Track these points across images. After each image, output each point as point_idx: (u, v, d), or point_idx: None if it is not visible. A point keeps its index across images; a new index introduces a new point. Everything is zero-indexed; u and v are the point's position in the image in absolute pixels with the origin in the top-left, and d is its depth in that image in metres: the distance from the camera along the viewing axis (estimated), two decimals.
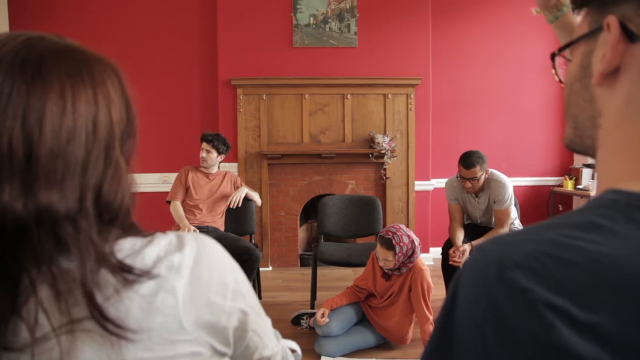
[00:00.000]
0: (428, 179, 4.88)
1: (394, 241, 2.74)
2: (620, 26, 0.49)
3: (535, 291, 0.41)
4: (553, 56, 0.61)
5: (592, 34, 0.53)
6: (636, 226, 0.43)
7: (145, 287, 0.57)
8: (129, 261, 0.59)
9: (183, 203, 3.63)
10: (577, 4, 0.56)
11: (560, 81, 0.62)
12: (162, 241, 0.62)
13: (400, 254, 2.72)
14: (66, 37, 0.64)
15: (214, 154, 3.65)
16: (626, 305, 0.39)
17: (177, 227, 3.51)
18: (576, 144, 0.59)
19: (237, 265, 0.69)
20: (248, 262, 3.31)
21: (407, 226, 4.72)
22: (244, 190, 3.68)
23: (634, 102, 0.49)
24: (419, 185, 4.83)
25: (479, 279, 0.45)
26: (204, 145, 3.65)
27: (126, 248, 0.60)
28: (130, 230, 0.63)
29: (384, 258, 2.75)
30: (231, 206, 3.63)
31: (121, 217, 0.61)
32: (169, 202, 3.66)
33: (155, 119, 4.85)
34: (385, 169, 4.71)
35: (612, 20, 0.50)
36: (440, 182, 4.73)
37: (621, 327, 0.39)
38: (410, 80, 4.70)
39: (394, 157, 4.67)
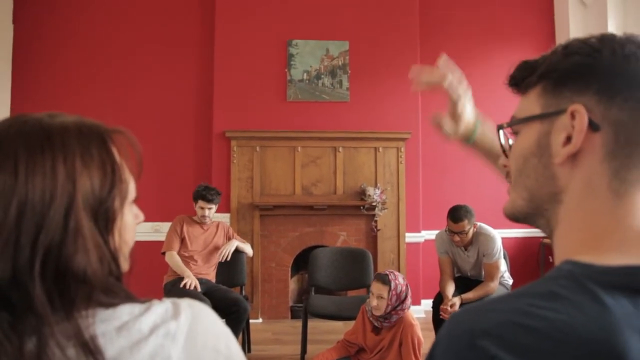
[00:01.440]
0: (419, 231, 4.91)
1: (390, 277, 2.77)
2: (587, 118, 0.55)
3: (501, 358, 0.45)
4: (500, 128, 0.67)
5: (549, 115, 0.60)
6: (589, 295, 0.48)
7: (141, 355, 0.59)
8: (129, 326, 0.61)
9: (177, 254, 3.60)
10: (520, 88, 0.63)
11: (504, 151, 0.68)
12: (159, 308, 0.64)
13: (394, 293, 2.72)
14: (61, 115, 0.67)
15: (214, 208, 3.69)
16: None
17: (171, 277, 3.47)
18: (522, 214, 0.64)
19: (229, 332, 0.70)
20: (236, 314, 3.29)
21: None
22: (234, 244, 3.68)
23: (593, 183, 0.56)
24: (410, 237, 4.86)
25: (452, 347, 0.49)
26: (204, 204, 3.63)
27: (125, 314, 0.62)
28: (116, 296, 0.64)
29: (378, 295, 2.73)
30: (221, 260, 3.63)
31: (94, 284, 0.61)
32: (163, 253, 3.63)
33: (149, 169, 4.90)
34: (376, 221, 4.75)
35: (579, 109, 0.56)
36: (430, 234, 4.76)
37: None
38: (401, 134, 4.83)
39: (384, 209, 4.72)
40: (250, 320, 4.34)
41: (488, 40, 5.17)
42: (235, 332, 3.30)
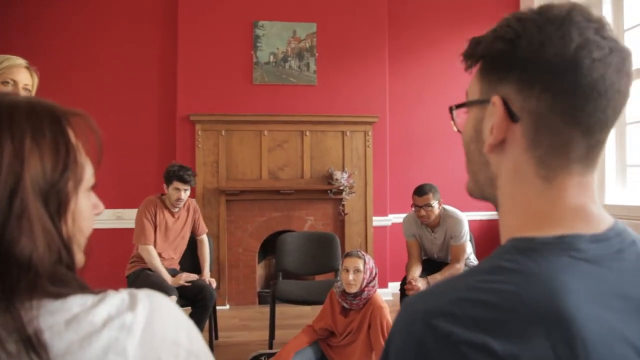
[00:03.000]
0: (386, 215, 4.94)
1: (361, 253, 2.82)
2: (504, 106, 0.57)
3: (457, 333, 0.48)
4: (451, 109, 0.68)
5: (482, 102, 0.61)
6: (533, 264, 0.51)
7: (93, 349, 0.55)
8: (79, 318, 0.56)
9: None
10: (467, 64, 0.63)
11: (458, 131, 0.69)
12: (114, 299, 0.60)
13: (368, 267, 2.75)
14: (13, 94, 0.62)
15: (189, 190, 3.40)
16: (534, 331, 0.47)
17: (134, 267, 3.33)
18: (477, 195, 0.68)
19: (192, 324, 0.67)
20: (203, 302, 3.22)
21: None
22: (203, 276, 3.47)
23: (520, 170, 0.58)
24: (377, 221, 4.88)
25: (408, 329, 0.51)
26: (180, 185, 3.31)
27: (76, 305, 0.58)
28: (66, 287, 0.59)
29: (355, 268, 2.74)
30: (182, 283, 3.28)
31: (39, 272, 0.56)
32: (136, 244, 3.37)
33: (110, 153, 4.73)
34: (343, 205, 4.75)
35: (496, 100, 0.57)
36: (397, 218, 4.79)
37: (534, 352, 0.46)
38: (368, 118, 4.81)
39: (352, 193, 4.72)
40: (217, 307, 4.28)
41: (456, 22, 5.18)
42: (202, 320, 3.25)
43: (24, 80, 1.86)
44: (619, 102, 0.55)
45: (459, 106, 0.67)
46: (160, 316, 0.61)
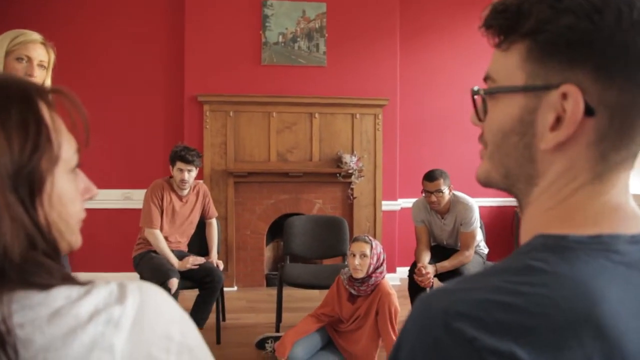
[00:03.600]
0: (395, 199, 4.89)
1: (369, 237, 2.78)
2: (584, 103, 0.48)
3: (481, 340, 0.43)
4: (475, 94, 0.58)
5: (536, 89, 0.51)
6: (566, 265, 0.46)
7: (77, 345, 0.52)
8: (63, 312, 0.53)
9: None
10: (502, 40, 0.54)
11: (479, 119, 0.59)
12: (102, 291, 0.56)
13: (375, 252, 2.73)
14: None
15: (194, 171, 3.31)
16: (568, 340, 0.42)
17: (140, 249, 3.32)
18: (495, 186, 0.60)
19: (186, 316, 0.63)
20: (210, 284, 3.22)
21: None
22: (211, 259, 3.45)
23: (576, 168, 0.51)
24: (386, 205, 4.84)
25: (425, 331, 0.46)
26: (184, 165, 3.24)
27: (60, 298, 0.54)
28: (49, 278, 0.56)
29: (361, 253, 2.71)
30: (190, 266, 3.25)
31: (9, 261, 0.53)
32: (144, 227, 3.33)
33: (118, 134, 4.71)
34: (352, 189, 4.70)
35: (572, 90, 0.48)
36: (407, 202, 4.75)
37: None
38: (378, 100, 4.74)
39: (361, 177, 4.67)
40: (225, 289, 4.30)
41: (470, 3, 5.05)
42: (209, 302, 3.25)
43: (39, 56, 1.82)
44: None
45: (493, 91, 0.56)
46: (151, 309, 0.57)
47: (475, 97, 0.58)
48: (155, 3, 4.76)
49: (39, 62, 1.82)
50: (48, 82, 1.91)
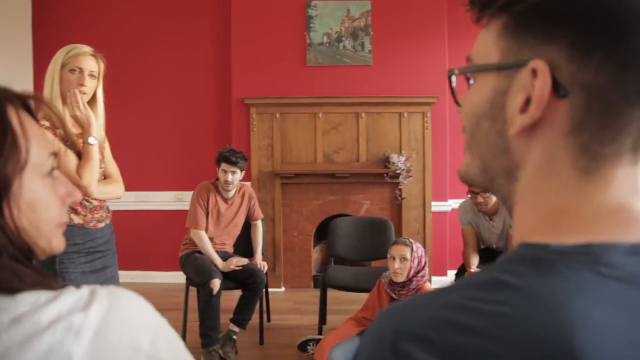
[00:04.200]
0: (445, 200, 4.74)
1: (409, 240, 2.70)
2: (552, 80, 0.42)
3: None
4: (451, 74, 0.52)
5: (506, 67, 0.46)
6: (541, 281, 0.39)
7: (32, 353, 0.51)
8: (24, 318, 0.52)
9: None
10: (480, 14, 0.48)
11: (456, 103, 0.54)
12: (70, 297, 0.55)
13: (416, 255, 2.64)
14: None
15: (239, 173, 3.35)
16: None
17: (186, 249, 3.40)
18: (479, 183, 0.53)
19: (163, 326, 0.61)
20: (253, 285, 3.24)
21: (425, 248, 4.57)
22: (255, 260, 3.47)
23: (555, 159, 0.44)
24: (436, 206, 4.69)
25: (375, 351, 0.41)
26: (227, 167, 3.28)
27: (25, 303, 0.54)
28: (18, 282, 0.55)
29: (401, 256, 2.64)
30: (233, 267, 3.28)
31: None
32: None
33: (170, 138, 4.87)
34: (400, 189, 4.60)
35: (541, 66, 0.42)
36: (458, 203, 4.57)
37: None
38: (426, 98, 4.60)
39: (409, 177, 4.56)
40: (273, 289, 4.34)
41: None
42: (252, 303, 3.27)
43: (90, 67, 1.94)
44: None
45: (466, 70, 0.51)
46: (118, 318, 0.55)
47: (453, 78, 0.53)
48: (202, 9, 4.88)
49: (90, 72, 1.94)
50: (99, 90, 2.01)
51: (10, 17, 4.69)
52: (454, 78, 0.53)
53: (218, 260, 3.27)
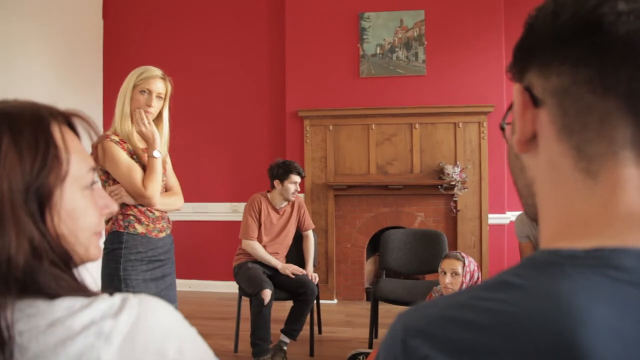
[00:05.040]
0: (503, 212, 4.57)
1: (461, 254, 2.62)
2: (527, 93, 0.48)
3: (433, 358, 0.40)
4: (502, 128, 0.58)
5: (512, 106, 0.53)
6: (549, 282, 0.40)
7: (65, 355, 0.54)
8: (60, 322, 0.56)
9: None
10: (514, 79, 0.55)
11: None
12: (103, 304, 0.59)
13: (468, 270, 2.56)
14: (12, 101, 0.65)
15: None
16: None
17: (240, 260, 3.47)
18: (529, 214, 0.56)
19: (191, 335, 0.63)
20: (303, 296, 3.25)
21: (481, 262, 4.45)
22: (308, 270, 3.51)
23: (558, 166, 0.47)
24: (493, 219, 4.54)
25: (389, 346, 0.45)
26: (297, 178, 3.43)
27: (62, 308, 0.57)
28: (56, 288, 0.59)
29: (452, 271, 2.57)
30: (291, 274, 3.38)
31: (12, 269, 0.56)
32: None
33: (225, 150, 5.02)
34: (455, 201, 4.48)
35: (516, 88, 0.50)
36: (516, 216, 4.41)
37: None
38: (483, 107, 4.48)
39: (464, 188, 4.44)
40: (325, 301, 4.35)
41: None
42: (303, 314, 3.28)
43: (158, 89, 2.07)
44: None
45: (504, 117, 0.57)
46: (147, 324, 0.58)
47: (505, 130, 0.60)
48: (256, 22, 5.02)
49: (157, 94, 2.08)
50: (165, 110, 2.14)
51: (83, 36, 5.02)
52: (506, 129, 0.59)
53: (275, 262, 3.35)
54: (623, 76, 0.41)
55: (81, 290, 0.62)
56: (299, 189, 3.47)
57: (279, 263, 3.37)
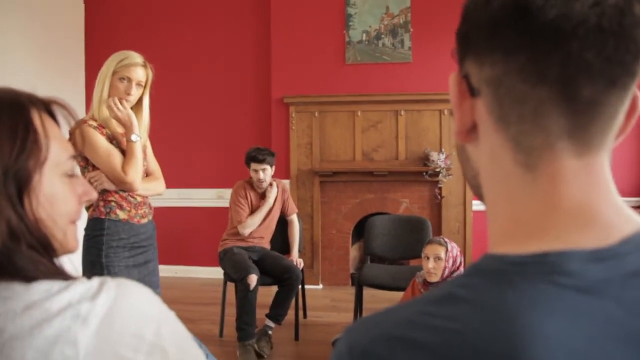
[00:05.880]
0: None
1: (444, 240, 2.66)
2: (464, 82, 0.47)
3: None
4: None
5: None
6: (495, 294, 0.38)
7: (42, 337, 0.54)
8: (36, 305, 0.57)
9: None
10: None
11: None
12: (80, 287, 0.59)
13: (450, 255, 2.60)
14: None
15: (269, 169, 3.45)
16: None
17: (224, 245, 3.47)
18: (483, 204, 0.54)
19: (169, 318, 0.64)
20: (288, 281, 3.27)
21: (464, 247, 4.51)
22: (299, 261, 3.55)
23: (497, 158, 0.45)
24: (478, 205, 4.59)
25: None
26: (257, 165, 3.40)
27: (39, 291, 0.58)
28: (34, 271, 0.60)
29: (435, 256, 2.60)
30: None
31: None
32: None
33: (211, 136, 4.99)
34: (440, 188, 4.53)
35: (451, 78, 0.48)
36: None
37: None
38: None
39: (449, 175, 4.48)
40: (310, 286, 4.38)
41: None
42: (287, 299, 3.30)
43: (138, 77, 2.02)
44: (610, 42, 0.39)
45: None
46: (124, 307, 0.59)
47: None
48: (241, 9, 4.97)
49: (137, 82, 2.03)
50: (146, 97, 2.10)
51: (64, 23, 4.93)
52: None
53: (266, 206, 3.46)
54: (554, 62, 0.40)
55: (59, 274, 0.62)
56: (262, 177, 3.41)
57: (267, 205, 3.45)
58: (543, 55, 0.40)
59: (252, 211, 3.49)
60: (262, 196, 3.54)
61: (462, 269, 2.68)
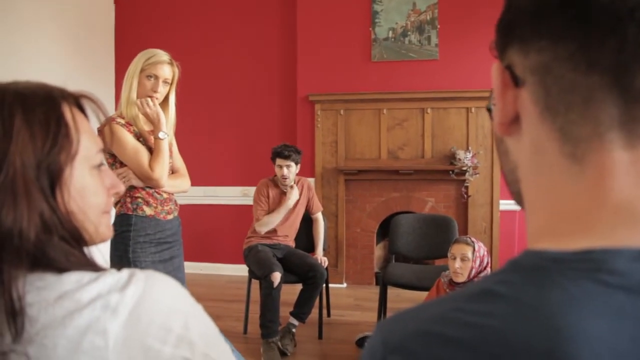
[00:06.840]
0: None
1: (471, 239, 2.61)
2: (507, 72, 0.44)
3: None
4: (489, 109, 0.53)
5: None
6: (535, 288, 0.37)
7: (73, 326, 0.56)
8: (68, 295, 0.58)
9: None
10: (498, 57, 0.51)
11: None
12: (110, 278, 0.60)
13: (477, 255, 2.56)
14: (24, 82, 0.66)
15: (293, 166, 3.45)
16: None
17: (249, 243, 3.49)
18: (516, 201, 0.52)
19: (197, 311, 0.64)
20: (313, 280, 3.27)
21: (491, 248, 4.44)
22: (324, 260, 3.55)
23: (541, 150, 0.43)
24: (505, 205, 4.50)
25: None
26: (282, 161, 3.41)
27: (70, 282, 0.59)
28: (66, 262, 0.61)
29: (462, 256, 2.56)
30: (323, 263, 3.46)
31: (23, 242, 0.58)
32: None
33: (237, 135, 5.03)
34: (467, 187, 4.46)
35: (494, 68, 0.46)
36: None
37: None
38: None
39: (476, 174, 4.41)
40: (334, 285, 4.37)
41: None
42: (312, 297, 3.30)
43: (165, 74, 2.07)
44: None
45: (490, 100, 0.54)
46: (152, 299, 0.60)
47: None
48: (268, 6, 4.98)
49: (164, 79, 2.07)
50: (172, 94, 2.14)
51: (95, 22, 5.03)
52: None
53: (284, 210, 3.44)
54: (608, 49, 0.37)
55: (90, 265, 0.63)
56: (286, 173, 3.41)
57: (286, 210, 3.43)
58: (596, 41, 0.37)
59: (273, 209, 3.49)
60: (285, 194, 3.53)
61: (489, 269, 2.63)
